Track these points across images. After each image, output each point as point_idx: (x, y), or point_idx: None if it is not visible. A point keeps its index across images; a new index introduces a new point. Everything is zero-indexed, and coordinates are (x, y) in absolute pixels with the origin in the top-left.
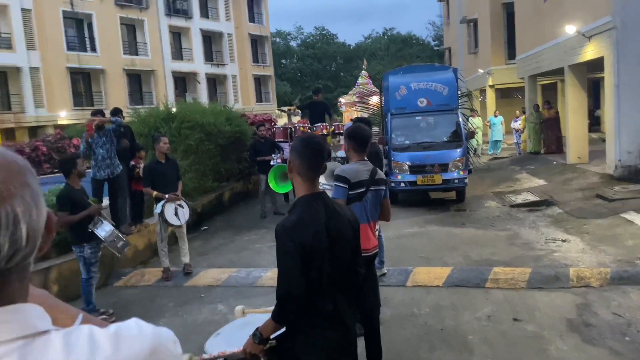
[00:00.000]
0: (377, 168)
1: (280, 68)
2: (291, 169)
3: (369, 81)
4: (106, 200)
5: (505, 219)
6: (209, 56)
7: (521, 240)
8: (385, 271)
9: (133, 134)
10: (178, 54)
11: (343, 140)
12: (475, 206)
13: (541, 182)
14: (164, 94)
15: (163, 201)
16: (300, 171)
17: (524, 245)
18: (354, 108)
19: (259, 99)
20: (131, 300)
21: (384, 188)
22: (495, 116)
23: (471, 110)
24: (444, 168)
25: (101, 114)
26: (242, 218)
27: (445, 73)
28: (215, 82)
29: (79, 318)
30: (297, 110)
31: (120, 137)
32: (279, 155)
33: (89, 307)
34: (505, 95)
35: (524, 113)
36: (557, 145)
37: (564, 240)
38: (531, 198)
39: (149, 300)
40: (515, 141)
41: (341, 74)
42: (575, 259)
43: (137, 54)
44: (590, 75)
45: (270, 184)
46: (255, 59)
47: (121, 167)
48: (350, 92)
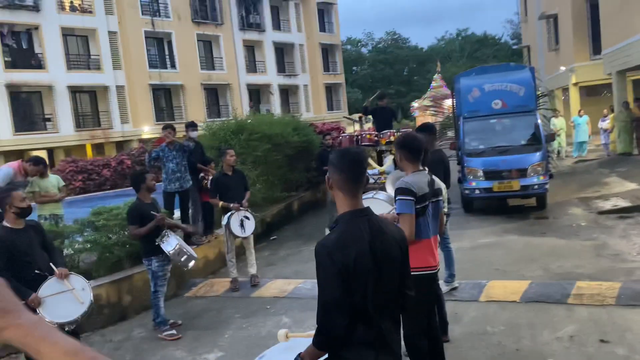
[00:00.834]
0: (435, 177)
1: (352, 75)
2: (331, 185)
3: (443, 84)
4: (178, 212)
5: (592, 227)
6: (281, 67)
7: (610, 251)
8: (457, 285)
9: (203, 148)
10: (252, 66)
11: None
12: (558, 213)
13: (633, 186)
14: (239, 106)
15: (229, 213)
16: (341, 186)
17: (613, 257)
18: (427, 112)
19: (330, 107)
20: (200, 310)
21: (441, 198)
22: (580, 116)
23: (553, 110)
24: (522, 173)
25: (171, 127)
26: (311, 227)
27: (521, 73)
28: (287, 93)
29: None
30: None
31: (191, 153)
32: None
33: (158, 320)
34: (591, 93)
35: (612, 111)
36: None
37: None
38: (622, 204)
39: (216, 311)
40: (603, 142)
41: (414, 78)
42: None
43: (214, 69)
44: None
45: None
46: (326, 68)
47: (191, 182)
48: (423, 96)
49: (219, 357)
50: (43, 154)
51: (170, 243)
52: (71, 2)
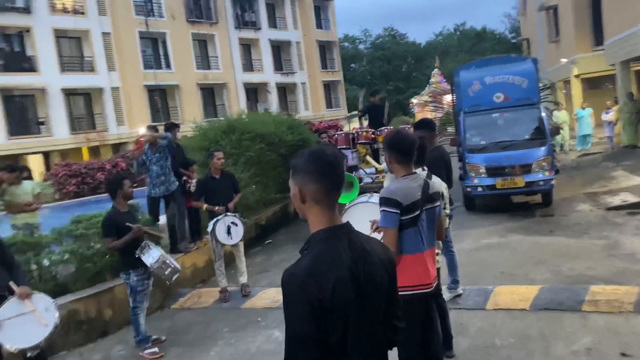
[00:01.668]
0: (434, 178)
1: (350, 72)
2: (303, 197)
3: (442, 79)
4: (163, 218)
5: (602, 224)
6: (278, 65)
7: (623, 250)
8: (461, 291)
9: (184, 150)
10: (248, 65)
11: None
12: (565, 210)
13: None
14: (235, 105)
15: (215, 219)
16: (318, 198)
17: (627, 257)
18: (427, 108)
19: (329, 104)
20: (186, 324)
21: (439, 204)
22: (583, 108)
23: (555, 103)
24: (527, 169)
25: (154, 129)
26: (307, 231)
27: (523, 64)
28: (285, 91)
29: None
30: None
31: (174, 154)
32: None
33: (138, 338)
34: (593, 85)
35: (616, 103)
36: None
37: None
38: (631, 199)
39: (204, 324)
40: (608, 134)
41: (413, 74)
42: None
43: (209, 68)
44: None
45: None
46: (323, 65)
47: (177, 184)
48: (422, 92)
49: None
50: (38, 158)
51: (152, 255)
52: (63, 4)
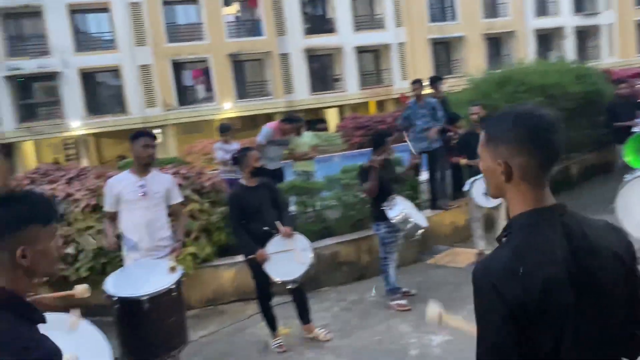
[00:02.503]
0: None
1: None
2: (509, 174)
3: None
4: (425, 174)
5: None
6: (579, 6)
7: None
8: None
9: (449, 104)
10: (541, 8)
11: None
12: None
13: None
14: (523, 55)
15: (472, 179)
16: (526, 173)
17: None
18: None
19: None
20: (437, 282)
21: None
22: None
23: None
24: None
25: (419, 83)
26: (594, 198)
27: None
28: (584, 36)
29: None
30: None
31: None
32: None
33: (388, 288)
34: None
35: None
36: None
37: None
38: None
39: (455, 285)
40: None
41: None
42: None
43: (497, 16)
44: None
45: (627, 158)
46: (638, 1)
47: (440, 142)
48: None
49: (444, 342)
50: (334, 112)
51: (395, 209)
52: None
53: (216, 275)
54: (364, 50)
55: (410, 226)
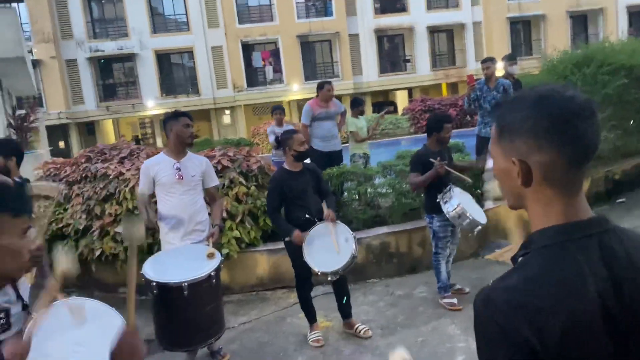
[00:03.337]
0: None
1: None
2: (527, 175)
3: None
4: (490, 163)
5: None
6: None
7: None
8: None
9: (522, 87)
10: None
11: None
12: None
13: None
14: (613, 33)
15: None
16: (550, 174)
17: None
18: None
19: None
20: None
21: None
22: None
23: None
24: None
25: (491, 61)
26: None
27: None
28: None
29: None
30: None
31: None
32: None
33: (439, 284)
34: None
35: None
36: None
37: None
38: None
39: None
40: None
41: None
42: None
43: None
44: None
45: None
46: None
47: None
48: None
49: None
50: (403, 94)
51: (451, 202)
52: None
53: (260, 261)
54: (437, 30)
55: (466, 222)
